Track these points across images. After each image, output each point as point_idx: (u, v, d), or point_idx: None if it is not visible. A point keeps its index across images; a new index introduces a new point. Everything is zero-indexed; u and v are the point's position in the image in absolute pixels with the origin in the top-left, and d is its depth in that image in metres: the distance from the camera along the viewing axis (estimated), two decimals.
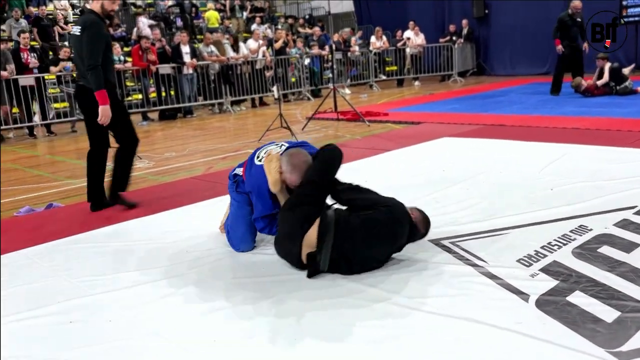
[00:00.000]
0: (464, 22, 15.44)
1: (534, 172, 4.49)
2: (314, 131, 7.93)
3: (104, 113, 4.06)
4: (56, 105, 10.07)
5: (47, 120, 9.51)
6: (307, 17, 18.85)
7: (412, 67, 14.54)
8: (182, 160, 6.46)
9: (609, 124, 6.43)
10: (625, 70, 8.93)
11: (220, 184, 4.84)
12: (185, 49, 10.73)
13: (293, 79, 12.84)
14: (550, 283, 2.49)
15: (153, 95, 10.81)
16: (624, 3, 12.54)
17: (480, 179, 4.40)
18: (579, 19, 9.40)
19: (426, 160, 5.21)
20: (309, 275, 2.70)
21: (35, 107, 9.46)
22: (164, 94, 10.60)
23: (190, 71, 10.71)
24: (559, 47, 9.57)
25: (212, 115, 11.12)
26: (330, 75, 14.00)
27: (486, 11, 15.64)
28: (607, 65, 8.96)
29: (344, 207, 2.96)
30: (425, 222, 2.89)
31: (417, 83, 14.48)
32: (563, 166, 4.59)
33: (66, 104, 10.01)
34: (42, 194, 5.20)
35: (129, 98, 10.83)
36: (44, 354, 2.20)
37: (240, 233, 3.14)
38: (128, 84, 10.95)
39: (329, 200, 2.97)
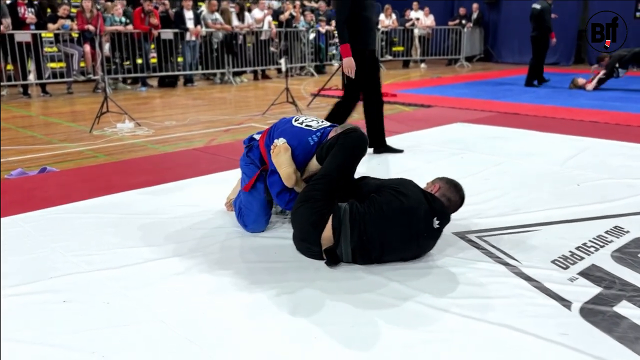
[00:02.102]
0: (475, 6, 15.11)
1: (556, 165, 4.27)
2: (320, 108, 7.65)
3: (346, 64, 4.31)
4: (52, 64, 9.70)
5: (42, 79, 9.16)
6: None
7: (420, 48, 14.21)
8: (183, 130, 6.18)
9: (629, 119, 6.21)
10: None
11: (223, 158, 4.61)
12: (189, 15, 10.36)
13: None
14: (592, 289, 2.28)
15: (153, 60, 10.46)
16: None
17: (500, 169, 4.17)
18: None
19: (441, 146, 4.97)
20: (330, 263, 2.46)
21: (31, 65, 9.10)
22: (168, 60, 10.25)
23: (193, 38, 10.35)
24: (554, 40, 9.52)
25: (213, 85, 10.80)
26: (335, 51, 13.68)
27: None
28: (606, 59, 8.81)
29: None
30: (456, 187, 2.63)
31: (423, 65, 14.18)
32: (586, 160, 4.38)
33: (63, 64, 9.65)
34: (35, 157, 4.92)
35: (127, 63, 10.46)
36: (34, 336, 1.96)
37: (254, 213, 2.89)
38: (127, 48, 10.55)
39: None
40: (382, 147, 4.70)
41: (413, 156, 4.62)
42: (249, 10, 11.64)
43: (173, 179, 3.99)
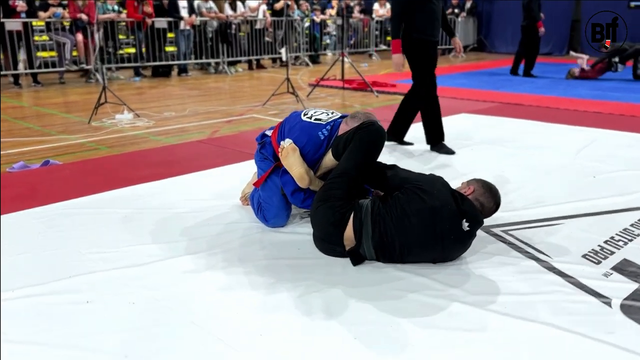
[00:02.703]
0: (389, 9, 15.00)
1: (568, 156, 4.23)
2: (320, 99, 7.56)
3: (395, 61, 4.36)
4: (43, 54, 9.48)
5: (33, 69, 8.95)
6: None
7: None
8: (184, 121, 6.06)
9: (632, 109, 6.20)
10: None
11: (230, 150, 4.51)
12: (183, 3, 10.18)
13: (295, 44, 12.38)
14: (629, 285, 2.24)
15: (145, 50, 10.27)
16: None
17: (514, 161, 4.13)
18: None
19: (449, 138, 4.89)
20: (354, 263, 2.39)
21: (22, 54, 8.89)
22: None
23: (188, 27, 10.18)
24: (542, 30, 9.39)
25: (207, 75, 10.64)
26: (329, 41, 13.57)
27: None
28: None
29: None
30: (491, 192, 2.49)
31: None
32: (597, 152, 4.34)
33: (54, 53, 9.43)
34: (35, 149, 4.78)
35: (121, 52, 10.27)
36: (61, 340, 1.88)
37: (275, 207, 2.81)
38: (120, 36, 10.36)
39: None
40: (436, 144, 4.50)
41: (420, 149, 4.55)
42: (242, 0, 11.47)
43: (181, 172, 3.90)
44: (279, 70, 11.48)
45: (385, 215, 2.34)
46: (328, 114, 2.83)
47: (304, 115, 2.85)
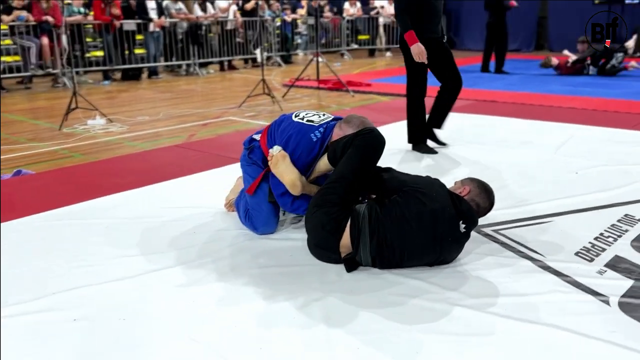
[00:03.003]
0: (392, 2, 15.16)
1: (548, 153, 4.27)
2: (295, 99, 7.50)
3: (415, 51, 4.11)
4: (7, 58, 9.19)
5: None
6: None
7: (385, 37, 14.18)
8: (158, 125, 5.93)
9: (604, 104, 6.30)
10: (629, 43, 8.78)
11: (210, 154, 4.43)
12: (151, 5, 10.00)
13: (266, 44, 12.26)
14: (624, 282, 2.24)
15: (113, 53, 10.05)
16: None
17: (495, 159, 4.14)
18: None
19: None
20: (349, 270, 2.35)
21: None
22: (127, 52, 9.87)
23: (157, 29, 10.00)
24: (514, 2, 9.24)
25: (178, 77, 10.48)
26: (300, 41, 13.52)
27: None
28: (584, 49, 8.87)
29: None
30: (486, 192, 2.46)
31: (388, 54, 14.15)
32: (576, 148, 4.39)
33: (18, 57, 9.15)
34: (5, 158, 4.61)
35: (88, 55, 10.04)
36: None
37: (264, 214, 2.74)
38: (88, 39, 10.12)
39: None
40: (417, 144, 4.46)
41: (400, 149, 4.53)
42: (210, 0, 11.30)
43: (161, 178, 3.79)
44: (252, 71, 11.38)
45: (384, 220, 2.29)
46: (320, 116, 2.78)
47: (295, 116, 2.79)
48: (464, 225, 2.33)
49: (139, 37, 10.21)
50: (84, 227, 2.93)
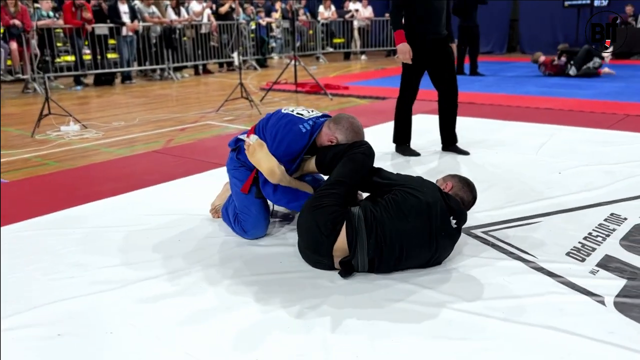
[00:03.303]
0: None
1: (530, 153, 4.29)
2: (274, 103, 7.44)
3: (399, 50, 4.08)
4: None
5: None
6: None
7: (360, 40, 14.21)
8: (135, 130, 5.81)
9: (580, 105, 6.38)
10: (606, 52, 8.92)
11: (190, 160, 4.34)
12: (124, 8, 9.83)
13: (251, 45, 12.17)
14: (617, 282, 2.24)
15: (87, 57, 9.86)
16: None
17: (477, 160, 4.15)
18: None
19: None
20: (344, 275, 2.30)
21: None
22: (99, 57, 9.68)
23: (130, 33, 9.83)
24: None
25: (153, 82, 10.32)
26: (274, 44, 13.45)
27: None
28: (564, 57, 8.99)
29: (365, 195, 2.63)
30: (468, 186, 2.53)
31: (363, 57, 14.19)
32: (557, 148, 4.43)
33: None
34: None
35: (59, 60, 9.82)
36: None
37: (253, 216, 2.69)
38: (58, 44, 9.90)
39: None
40: (400, 145, 4.43)
41: (382, 152, 4.51)
42: (183, 4, 11.15)
43: (141, 185, 3.70)
44: (227, 75, 11.28)
45: (381, 217, 2.27)
46: (309, 112, 2.74)
47: (284, 110, 2.75)
48: (454, 221, 2.35)
49: (111, 41, 10.02)
50: (62, 237, 2.83)
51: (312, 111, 2.79)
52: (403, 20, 4.11)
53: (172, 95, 8.76)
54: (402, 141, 4.42)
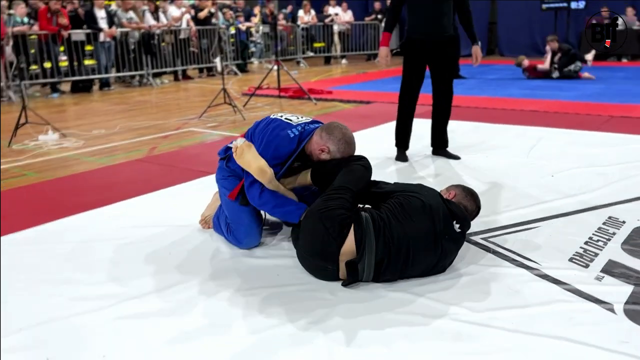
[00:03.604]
0: (389, 0, 15.27)
1: (520, 156, 4.27)
2: (257, 108, 7.34)
3: (379, 53, 4.17)
4: None
5: None
6: None
7: (340, 44, 14.17)
8: (116, 138, 5.66)
9: (565, 107, 6.40)
10: (588, 56, 8.99)
11: (176, 168, 4.23)
12: (101, 14, 9.64)
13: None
14: (624, 288, 2.20)
15: (64, 64, 9.63)
16: None
17: (469, 165, 4.10)
18: None
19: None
20: (347, 283, 2.23)
21: None
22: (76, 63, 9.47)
23: (108, 39, 9.64)
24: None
25: (132, 88, 10.14)
26: (254, 49, 13.35)
27: None
28: (556, 46, 8.97)
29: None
30: (472, 196, 2.51)
31: (344, 61, 14.14)
32: (547, 150, 4.41)
33: None
34: None
35: (34, 67, 9.57)
36: None
37: (245, 225, 2.60)
38: (33, 50, 9.65)
39: None
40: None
41: (373, 157, 4.44)
42: (159, 9, 10.94)
43: (126, 195, 3.58)
44: (207, 81, 11.14)
45: (388, 219, 2.23)
46: (298, 117, 2.68)
47: (273, 116, 2.69)
48: (457, 225, 2.32)
49: (88, 47, 9.81)
50: (46, 253, 2.70)
51: (302, 117, 2.72)
52: (406, 23, 4.09)
53: (152, 101, 8.60)
54: (399, 145, 4.34)
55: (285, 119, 2.65)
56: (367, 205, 2.56)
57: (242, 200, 2.63)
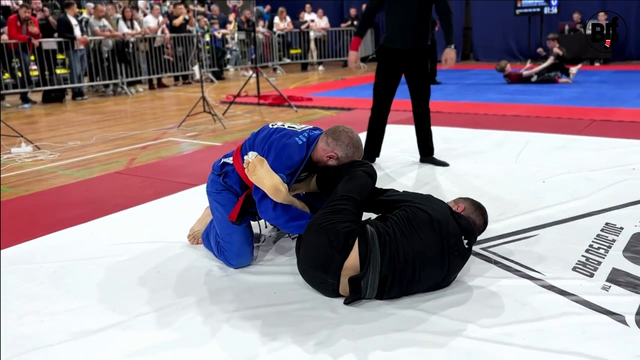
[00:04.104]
0: (364, 6, 15.27)
1: (508, 162, 4.24)
2: (237, 117, 7.22)
3: (349, 58, 4.14)
4: None
5: None
6: None
7: (317, 51, 14.13)
8: (93, 150, 5.48)
9: (547, 111, 6.43)
10: (573, 70, 9.09)
11: (158, 180, 4.09)
12: (75, 22, 9.40)
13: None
14: (632, 298, 2.15)
15: (34, 73, 9.38)
16: None
17: (457, 171, 4.05)
18: None
19: (387, 151, 4.76)
20: (349, 301, 2.14)
21: None
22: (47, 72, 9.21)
23: (81, 47, 9.41)
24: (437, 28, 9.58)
25: (106, 98, 9.91)
26: (229, 56, 13.22)
27: None
28: (556, 47, 9.04)
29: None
30: (481, 210, 2.42)
31: (321, 68, 14.10)
32: (535, 155, 4.39)
33: None
34: None
35: (6, 76, 9.28)
36: None
37: (236, 246, 2.48)
38: None
39: None
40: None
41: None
42: (133, 18, 10.74)
43: (108, 210, 3.43)
44: (183, 89, 10.97)
45: (394, 234, 2.13)
46: (298, 125, 2.58)
47: (273, 125, 2.58)
48: (466, 241, 2.24)
49: (60, 56, 9.57)
50: (26, 275, 2.54)
51: (301, 125, 2.63)
52: (382, 28, 4.03)
53: (127, 111, 8.40)
54: (368, 156, 4.22)
55: (289, 126, 2.56)
56: (372, 216, 2.48)
57: (237, 222, 2.51)
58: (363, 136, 5.25)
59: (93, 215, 3.33)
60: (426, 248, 2.14)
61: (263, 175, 2.32)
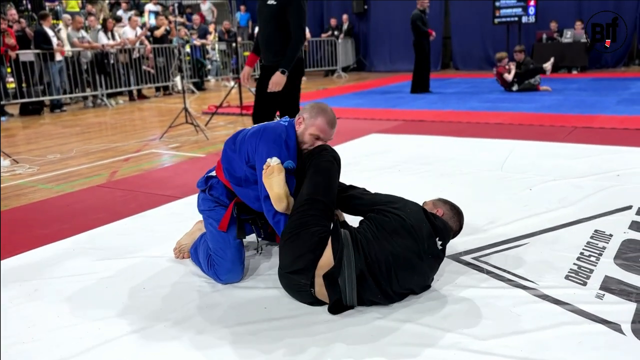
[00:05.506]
0: (344, 17, 15.39)
1: (494, 170, 4.23)
2: (220, 127, 7.15)
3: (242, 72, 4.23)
4: None
5: None
6: (176, 5, 17.59)
7: None
8: (73, 163, 5.37)
9: (530, 119, 6.47)
10: (547, 65, 9.15)
11: (141, 193, 4.01)
12: (52, 33, 9.27)
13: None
14: (627, 306, 2.14)
15: (11, 85, 9.22)
16: (497, 4, 13.15)
17: (445, 180, 4.04)
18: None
19: (371, 159, 4.75)
20: (333, 311, 2.11)
21: None
22: (25, 85, 9.06)
23: (59, 58, 9.27)
24: (433, 34, 9.71)
25: (85, 110, 9.77)
26: (210, 67, 13.15)
27: (365, 7, 15.71)
28: (522, 57, 9.13)
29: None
30: (458, 216, 2.46)
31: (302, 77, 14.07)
32: (520, 163, 4.40)
33: None
34: None
35: None
36: None
37: (229, 261, 2.43)
38: None
39: None
40: None
41: (349, 172, 4.34)
42: (113, 29, 10.62)
43: (90, 225, 3.34)
44: (164, 100, 10.87)
45: (366, 237, 2.16)
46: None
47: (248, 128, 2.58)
48: (440, 242, 2.26)
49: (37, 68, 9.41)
50: (7, 293, 2.46)
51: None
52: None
53: (108, 123, 8.28)
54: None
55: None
56: (345, 215, 2.50)
57: (238, 234, 2.49)
58: (359, 142, 5.22)
59: (74, 231, 3.24)
60: (400, 250, 2.14)
61: (275, 182, 2.31)
